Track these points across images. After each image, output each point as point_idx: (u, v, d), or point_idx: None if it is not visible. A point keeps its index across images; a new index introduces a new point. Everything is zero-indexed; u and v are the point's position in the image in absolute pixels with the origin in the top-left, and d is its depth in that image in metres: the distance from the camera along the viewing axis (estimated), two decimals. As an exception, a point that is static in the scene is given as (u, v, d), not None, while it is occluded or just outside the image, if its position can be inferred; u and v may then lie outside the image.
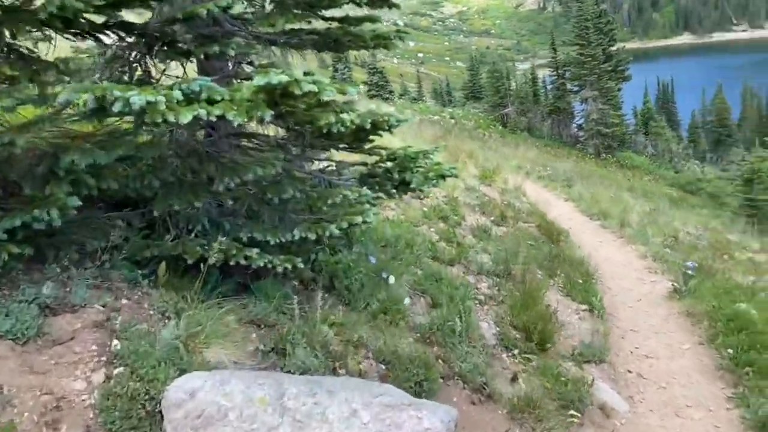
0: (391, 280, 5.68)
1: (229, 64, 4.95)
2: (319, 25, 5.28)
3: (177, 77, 4.33)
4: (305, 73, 3.72)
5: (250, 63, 5.33)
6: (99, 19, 3.98)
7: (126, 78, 4.63)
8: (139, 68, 4.73)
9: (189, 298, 3.83)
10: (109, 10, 3.85)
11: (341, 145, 5.53)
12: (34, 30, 3.64)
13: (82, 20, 3.74)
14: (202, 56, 4.41)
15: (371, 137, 5.18)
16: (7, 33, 3.59)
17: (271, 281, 4.64)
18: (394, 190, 5.39)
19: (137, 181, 4.19)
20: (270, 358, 3.96)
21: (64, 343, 3.24)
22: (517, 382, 5.01)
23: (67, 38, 3.98)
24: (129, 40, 4.49)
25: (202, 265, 3.88)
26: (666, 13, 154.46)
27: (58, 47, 3.81)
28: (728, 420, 5.13)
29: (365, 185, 5.32)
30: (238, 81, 4.82)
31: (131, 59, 4.67)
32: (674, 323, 7.14)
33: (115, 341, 3.33)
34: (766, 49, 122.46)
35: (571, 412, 4.74)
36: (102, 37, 4.29)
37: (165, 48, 4.51)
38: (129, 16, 4.31)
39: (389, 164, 5.45)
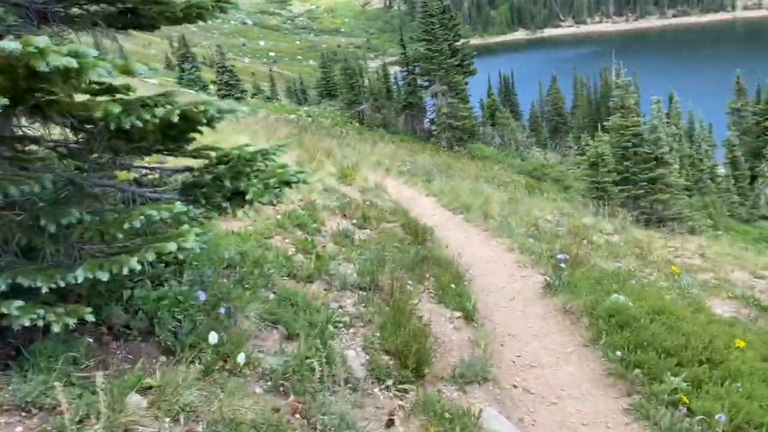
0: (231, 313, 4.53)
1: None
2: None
3: None
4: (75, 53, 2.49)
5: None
6: None
7: None
8: None
9: None
10: None
11: (157, 147, 4.31)
12: None
13: None
14: None
15: (189, 135, 3.99)
16: None
17: (55, 340, 3.32)
18: (226, 203, 4.23)
19: None
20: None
21: None
22: (394, 426, 4.08)
23: None
24: None
25: None
26: (502, 10, 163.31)
27: None
28: (628, 436, 4.58)
29: (188, 198, 4.13)
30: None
31: None
32: (553, 323, 6.58)
33: None
34: (590, 42, 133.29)
35: (460, 456, 3.90)
36: None
37: None
38: None
39: (220, 169, 4.27)
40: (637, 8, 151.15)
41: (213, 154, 4.43)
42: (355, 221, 8.99)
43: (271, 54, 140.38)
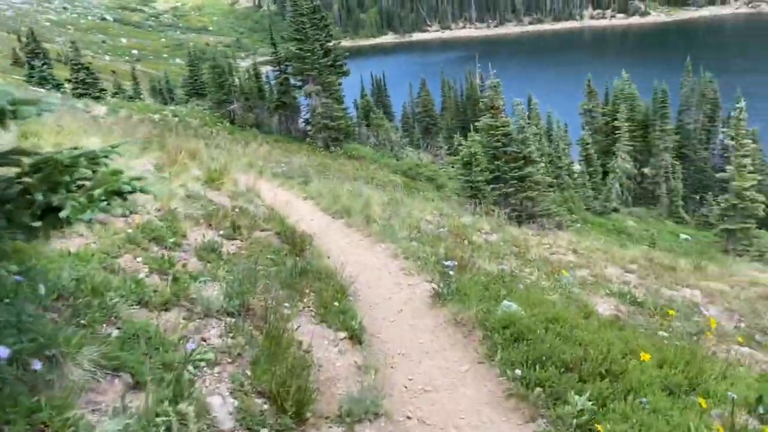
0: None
1: None
2: None
3: None
4: None
5: None
6: None
7: None
8: None
9: None
10: None
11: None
12: None
13: None
14: None
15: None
16: None
17: None
18: (38, 223, 3.18)
19: None
20: None
21: None
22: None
23: None
24: None
25: None
26: (372, 13, 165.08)
27: None
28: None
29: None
30: None
31: None
32: (444, 336, 6.00)
33: None
34: (455, 47, 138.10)
35: None
36: None
37: None
38: None
39: (33, 179, 3.20)
40: (497, 15, 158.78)
41: (26, 160, 3.35)
42: (223, 231, 7.95)
43: (134, 52, 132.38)
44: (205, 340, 4.79)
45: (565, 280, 9.21)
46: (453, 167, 25.46)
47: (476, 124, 19.65)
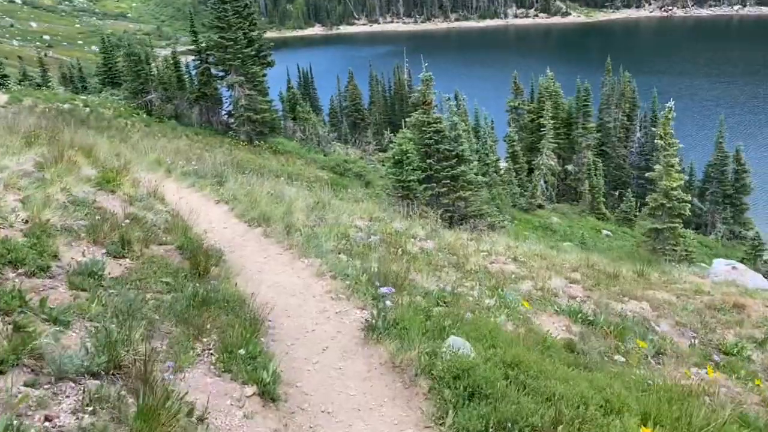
0: None
1: None
2: None
3: None
4: None
5: None
6: None
7: None
8: None
9: None
10: None
11: None
12: None
13: None
14: None
15: None
16: None
17: None
18: None
19: None
20: None
21: None
22: None
23: None
24: None
25: None
26: (298, 4, 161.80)
27: None
28: None
29: None
30: None
31: None
32: (381, 386, 4.81)
33: None
34: (383, 41, 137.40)
35: None
36: None
37: None
38: None
39: None
40: (424, 11, 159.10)
41: None
42: (108, 248, 6.46)
43: (46, 37, 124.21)
44: (49, 419, 3.40)
45: (510, 297, 8.25)
46: (383, 165, 24.31)
47: (407, 120, 18.57)
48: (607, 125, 58.73)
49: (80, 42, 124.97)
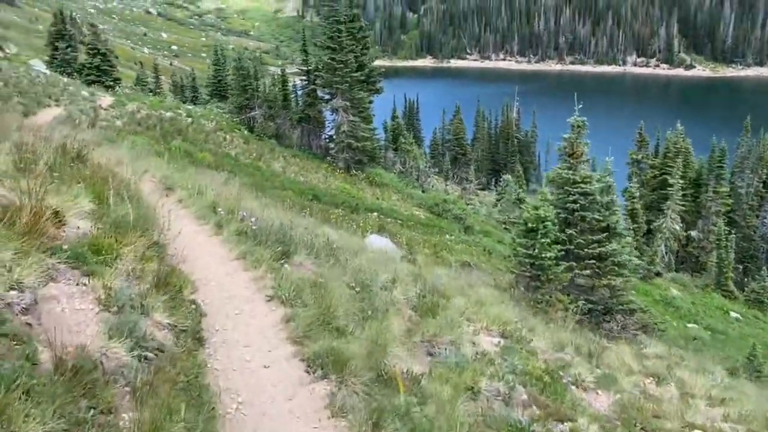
0: None
1: None
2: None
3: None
4: None
5: None
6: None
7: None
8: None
9: None
10: None
11: None
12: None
13: None
14: None
15: None
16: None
17: None
18: None
19: None
20: None
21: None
22: None
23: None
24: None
25: None
26: (412, 35, 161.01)
27: None
28: None
29: None
30: None
31: None
32: None
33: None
34: (493, 77, 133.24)
35: None
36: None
37: None
38: None
39: None
40: (539, 51, 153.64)
41: None
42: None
43: (174, 47, 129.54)
44: None
45: None
46: (507, 227, 19.99)
47: (547, 173, 14.41)
48: (739, 191, 51.52)
49: (203, 54, 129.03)
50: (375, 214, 30.74)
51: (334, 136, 39.34)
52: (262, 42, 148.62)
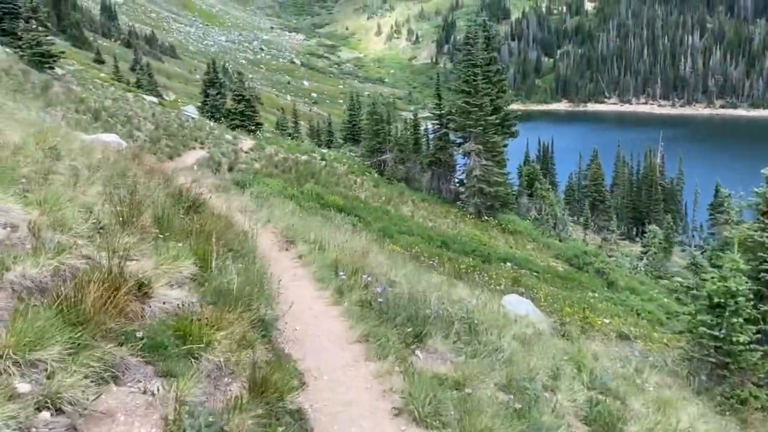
0: None
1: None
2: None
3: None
4: None
5: None
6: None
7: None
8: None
9: None
10: None
11: None
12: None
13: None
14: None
15: None
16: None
17: None
18: None
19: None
20: None
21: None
22: None
23: None
24: None
25: None
26: (547, 80, 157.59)
27: None
28: None
29: None
30: None
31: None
32: None
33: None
34: (633, 122, 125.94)
35: None
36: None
37: None
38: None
39: None
40: (684, 94, 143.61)
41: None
42: None
43: (314, 95, 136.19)
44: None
45: None
46: (680, 298, 17.21)
47: (729, 232, 11.88)
48: None
49: (340, 101, 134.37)
50: (509, 264, 28.63)
51: (465, 181, 37.91)
52: (396, 88, 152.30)
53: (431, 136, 43.41)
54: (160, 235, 5.69)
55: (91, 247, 4.78)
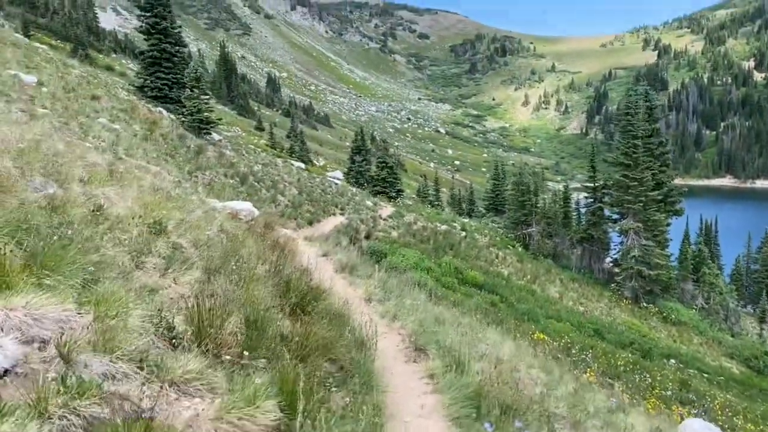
0: None
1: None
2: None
3: None
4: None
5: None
6: None
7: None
8: None
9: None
10: None
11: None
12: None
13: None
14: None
15: None
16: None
17: None
18: None
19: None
20: None
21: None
22: None
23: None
24: None
25: None
26: (709, 153, 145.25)
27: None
28: None
29: None
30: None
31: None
32: None
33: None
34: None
35: None
36: None
37: None
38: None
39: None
40: None
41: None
42: None
43: (457, 162, 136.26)
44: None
45: None
46: None
47: None
48: None
49: (483, 169, 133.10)
50: (672, 361, 24.47)
51: (621, 261, 34.01)
52: (542, 159, 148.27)
53: (583, 210, 40.09)
54: (244, 352, 4.13)
55: (135, 379, 3.29)
